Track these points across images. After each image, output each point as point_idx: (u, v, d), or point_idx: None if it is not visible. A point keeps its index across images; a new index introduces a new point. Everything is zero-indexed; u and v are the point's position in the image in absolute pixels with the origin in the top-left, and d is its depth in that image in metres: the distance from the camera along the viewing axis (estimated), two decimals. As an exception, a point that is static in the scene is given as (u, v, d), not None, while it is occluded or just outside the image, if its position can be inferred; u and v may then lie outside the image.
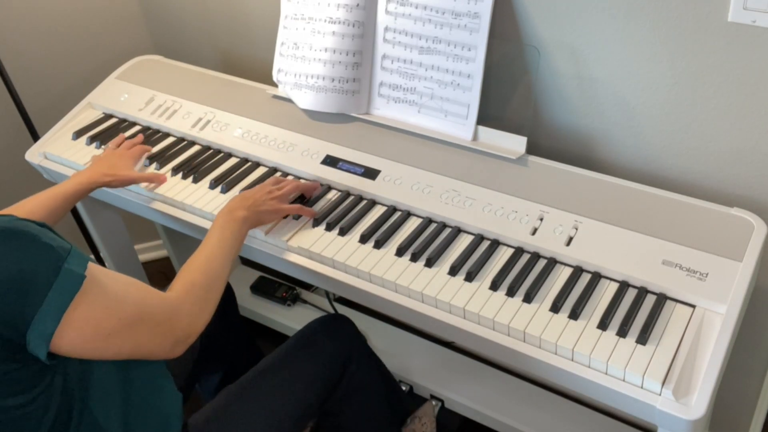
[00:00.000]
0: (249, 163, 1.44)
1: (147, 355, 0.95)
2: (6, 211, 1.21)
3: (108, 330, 0.87)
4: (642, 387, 0.95)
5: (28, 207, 1.23)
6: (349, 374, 1.31)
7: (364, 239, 1.22)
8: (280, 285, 1.95)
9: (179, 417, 1.09)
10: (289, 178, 1.37)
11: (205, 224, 1.33)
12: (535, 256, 1.15)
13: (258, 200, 1.21)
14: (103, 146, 1.54)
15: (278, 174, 1.39)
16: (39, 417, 0.86)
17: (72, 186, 1.30)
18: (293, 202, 1.29)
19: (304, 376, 1.22)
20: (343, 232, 1.24)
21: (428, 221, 1.24)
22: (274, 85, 1.55)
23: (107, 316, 0.87)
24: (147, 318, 0.92)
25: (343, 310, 1.86)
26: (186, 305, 0.99)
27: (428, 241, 1.19)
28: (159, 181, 1.40)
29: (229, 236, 1.13)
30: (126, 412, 0.99)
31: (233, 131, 1.49)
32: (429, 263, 1.15)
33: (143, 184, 1.40)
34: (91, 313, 0.85)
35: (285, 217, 1.27)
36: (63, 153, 1.54)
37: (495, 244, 1.18)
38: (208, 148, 1.50)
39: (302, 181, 1.34)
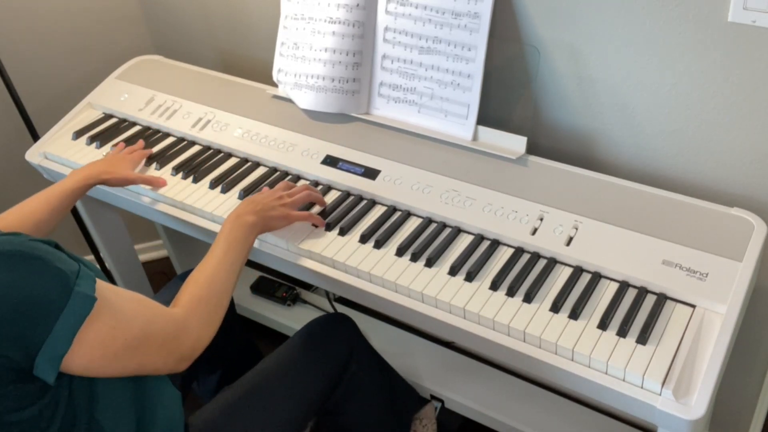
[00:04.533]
0: (249, 163, 1.44)
1: (152, 371, 0.94)
2: (8, 212, 1.21)
3: (114, 350, 0.87)
4: (642, 387, 0.95)
5: (30, 207, 1.23)
6: (350, 373, 1.30)
7: (364, 239, 1.22)
8: (280, 285, 1.95)
9: (181, 418, 1.08)
10: (301, 182, 1.37)
11: (205, 224, 1.33)
12: (535, 256, 1.15)
13: (267, 205, 1.18)
14: (103, 146, 1.54)
15: (278, 174, 1.40)
16: (43, 429, 0.86)
17: (71, 183, 1.29)
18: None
19: (305, 376, 1.22)
20: (343, 232, 1.24)
21: (428, 221, 1.24)
22: (274, 85, 1.55)
23: (114, 337, 0.87)
24: (153, 337, 0.91)
25: (343, 310, 1.86)
26: (193, 322, 0.98)
27: (428, 241, 1.19)
28: (158, 184, 1.39)
29: (235, 243, 1.10)
30: (133, 419, 0.98)
31: (233, 131, 1.49)
32: (429, 263, 1.15)
33: (143, 185, 1.40)
34: (100, 335, 0.85)
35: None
36: (63, 153, 1.54)
37: (495, 244, 1.18)
38: (208, 148, 1.50)
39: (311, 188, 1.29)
